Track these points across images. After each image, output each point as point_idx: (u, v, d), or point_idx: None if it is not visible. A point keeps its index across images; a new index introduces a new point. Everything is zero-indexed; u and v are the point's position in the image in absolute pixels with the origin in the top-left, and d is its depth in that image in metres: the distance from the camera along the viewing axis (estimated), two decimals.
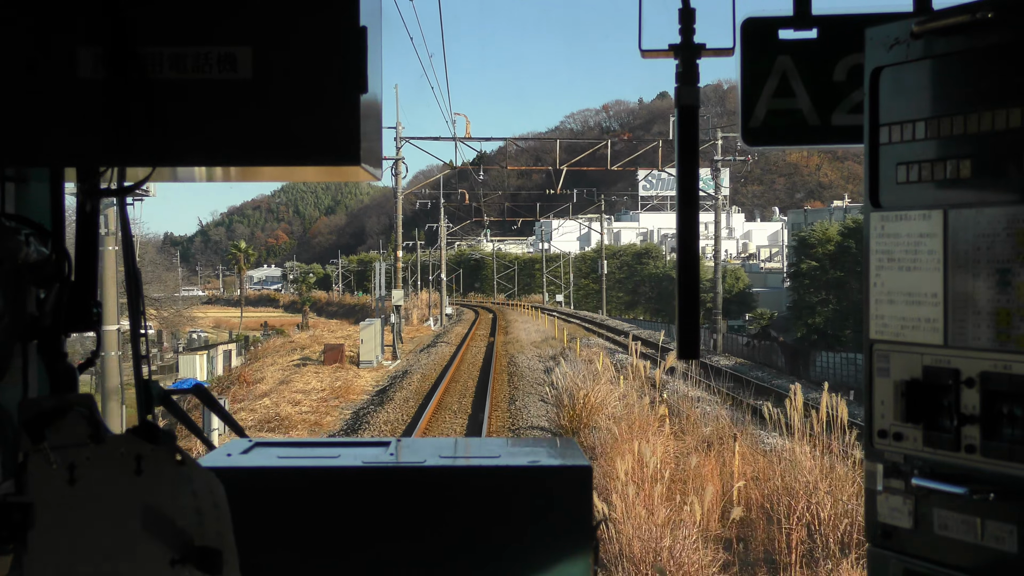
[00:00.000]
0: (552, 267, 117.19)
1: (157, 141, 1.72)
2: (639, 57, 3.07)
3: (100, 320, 2.00)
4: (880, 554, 2.06)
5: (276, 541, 2.50)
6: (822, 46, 2.94)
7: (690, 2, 2.99)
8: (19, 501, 1.72)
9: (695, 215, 3.01)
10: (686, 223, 3.00)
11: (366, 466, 2.61)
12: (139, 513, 1.78)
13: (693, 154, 3.00)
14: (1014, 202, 1.82)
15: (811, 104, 2.95)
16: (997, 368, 1.84)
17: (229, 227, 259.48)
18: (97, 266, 2.03)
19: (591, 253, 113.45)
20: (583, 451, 2.70)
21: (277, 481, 2.58)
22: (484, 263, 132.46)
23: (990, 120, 1.86)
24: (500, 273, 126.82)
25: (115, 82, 1.70)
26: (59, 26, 1.71)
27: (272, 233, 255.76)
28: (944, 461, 1.92)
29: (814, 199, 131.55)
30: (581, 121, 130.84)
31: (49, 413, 1.75)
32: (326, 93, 1.73)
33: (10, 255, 1.80)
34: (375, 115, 1.89)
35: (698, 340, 3.03)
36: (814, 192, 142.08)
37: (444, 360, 37.37)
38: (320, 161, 1.76)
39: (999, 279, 1.84)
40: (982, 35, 1.86)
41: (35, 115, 1.71)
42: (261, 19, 1.72)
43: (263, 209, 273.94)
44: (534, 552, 2.51)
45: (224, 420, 2.16)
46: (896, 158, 2.03)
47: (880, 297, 2.06)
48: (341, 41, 1.73)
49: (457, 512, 2.53)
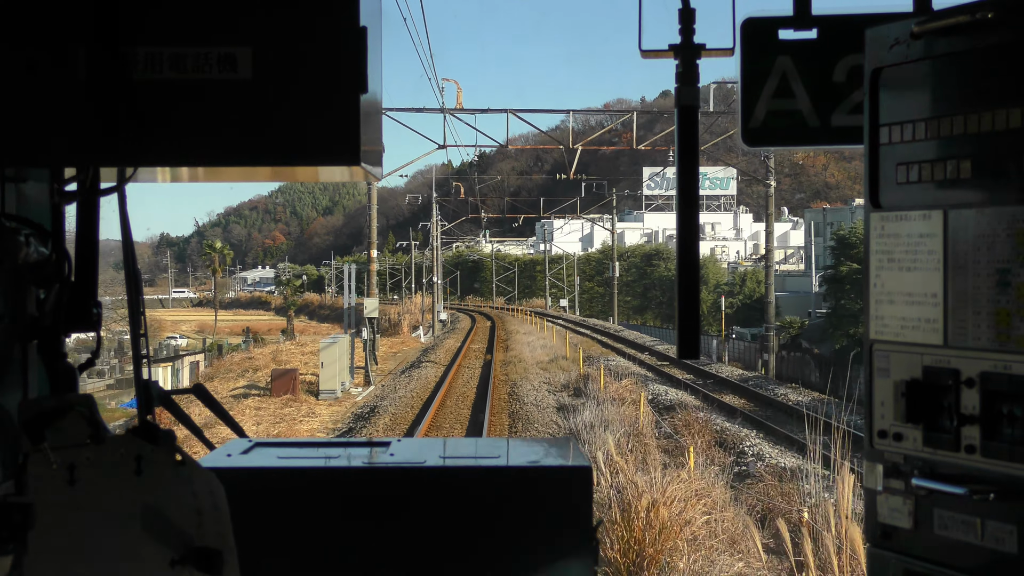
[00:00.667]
0: (554, 269, 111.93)
1: (157, 141, 1.72)
2: (639, 57, 3.07)
3: (100, 321, 2.00)
4: (880, 554, 2.06)
5: (276, 541, 2.50)
6: (822, 46, 2.94)
7: (690, 2, 2.99)
8: (19, 501, 1.72)
9: (695, 216, 3.01)
10: (686, 224, 3.00)
11: (366, 466, 2.61)
12: (139, 513, 1.78)
13: (693, 155, 3.00)
14: (1014, 202, 1.82)
15: (811, 104, 2.95)
16: (997, 368, 1.84)
17: (226, 228, 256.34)
18: (97, 266, 2.03)
19: (596, 254, 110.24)
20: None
21: (277, 481, 2.58)
22: (483, 265, 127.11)
23: (990, 120, 1.86)
24: (499, 275, 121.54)
25: (114, 82, 1.70)
26: (59, 26, 1.71)
27: (269, 234, 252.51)
28: (944, 461, 1.92)
29: (820, 199, 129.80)
30: (582, 120, 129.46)
31: (49, 413, 1.75)
32: (326, 93, 1.73)
33: (10, 255, 1.80)
34: (375, 115, 1.89)
35: (698, 340, 3.03)
36: (820, 192, 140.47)
37: (428, 388, 29.29)
38: (320, 161, 1.76)
39: (999, 279, 1.84)
40: (982, 35, 1.86)
41: (35, 115, 1.71)
42: (261, 19, 1.72)
43: (260, 210, 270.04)
44: (535, 552, 2.51)
45: (224, 420, 2.16)
46: (896, 158, 2.03)
47: (880, 297, 2.06)
48: (341, 41, 1.73)
49: (457, 513, 2.53)
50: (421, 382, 30.88)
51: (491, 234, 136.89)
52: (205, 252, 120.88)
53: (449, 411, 24.47)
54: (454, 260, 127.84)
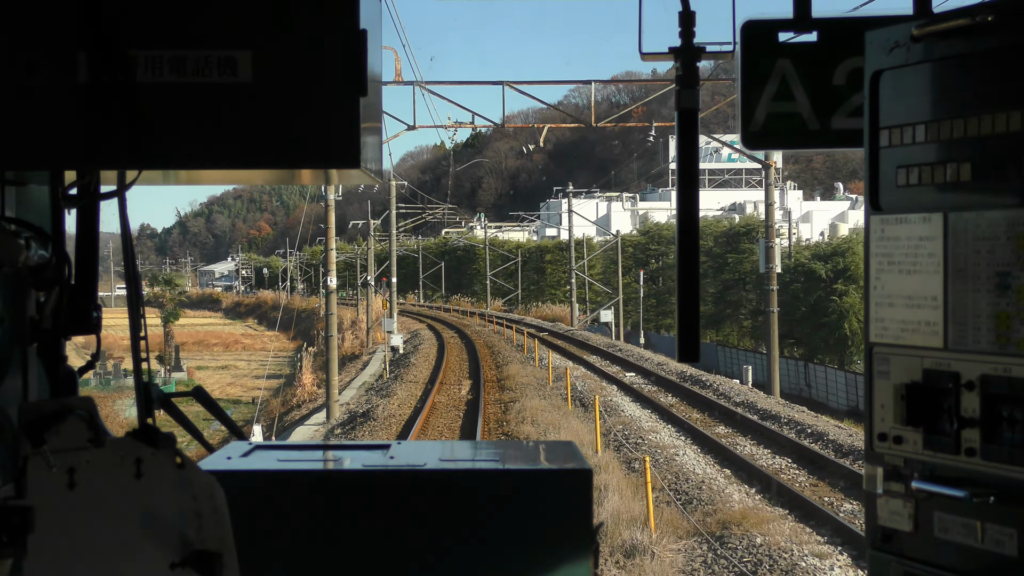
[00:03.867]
0: (565, 261, 69.53)
1: (157, 145, 1.72)
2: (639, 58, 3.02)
3: (100, 323, 2.00)
4: (880, 557, 2.06)
5: (276, 544, 2.50)
6: (822, 49, 2.94)
7: (690, 5, 2.99)
8: (19, 505, 1.72)
9: (695, 219, 3.01)
10: (686, 225, 3.00)
11: (366, 469, 2.62)
12: (139, 516, 1.78)
13: (693, 158, 3.00)
14: (1014, 205, 1.82)
15: (811, 107, 2.95)
16: (997, 371, 1.84)
17: (209, 218, 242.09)
18: (97, 269, 2.03)
19: (637, 237, 71.15)
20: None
21: (277, 484, 2.58)
22: (476, 254, 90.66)
23: (990, 123, 1.86)
24: (497, 268, 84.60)
25: (115, 86, 1.70)
26: (59, 29, 1.71)
27: (255, 224, 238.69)
28: (944, 464, 1.92)
29: (857, 179, 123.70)
30: (586, 95, 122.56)
31: (49, 416, 1.75)
32: (326, 96, 1.73)
33: (10, 258, 1.81)
34: (375, 118, 1.90)
35: (698, 343, 3.03)
36: (857, 172, 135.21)
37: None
38: (320, 164, 1.77)
39: (999, 282, 1.84)
40: (982, 38, 1.86)
41: (36, 119, 1.71)
42: (261, 22, 1.73)
43: (245, 199, 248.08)
44: (534, 556, 2.51)
45: (224, 423, 2.16)
46: (896, 161, 2.04)
47: (880, 300, 2.07)
48: (341, 44, 1.73)
49: (457, 516, 2.53)
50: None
51: (488, 220, 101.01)
52: (158, 287, 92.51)
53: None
54: (439, 249, 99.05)
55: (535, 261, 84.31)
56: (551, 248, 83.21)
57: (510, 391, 26.03)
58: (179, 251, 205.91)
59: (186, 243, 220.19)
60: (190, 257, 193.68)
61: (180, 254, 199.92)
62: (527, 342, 39.87)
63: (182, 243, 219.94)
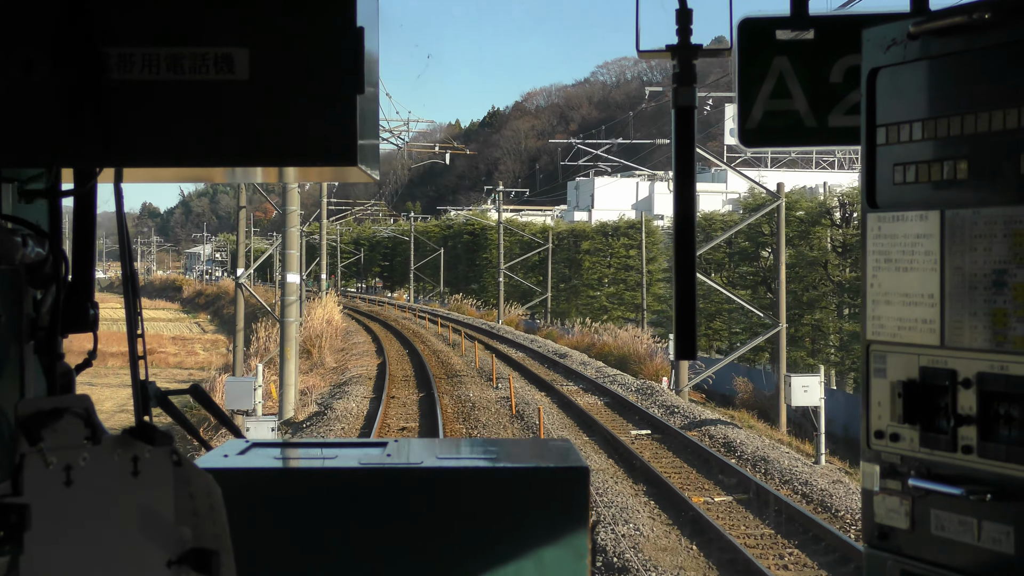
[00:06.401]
0: (609, 250, 52.04)
1: (154, 142, 1.72)
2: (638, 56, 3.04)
3: (97, 321, 2.00)
4: (877, 555, 2.06)
5: (273, 542, 2.50)
6: (819, 47, 2.94)
7: (687, 2, 2.99)
8: (15, 502, 1.72)
9: (692, 217, 3.00)
10: (683, 224, 3.00)
11: (363, 467, 2.61)
12: (136, 514, 1.78)
13: (690, 156, 3.00)
14: (1011, 203, 1.82)
15: (808, 105, 2.95)
16: (994, 369, 1.85)
17: (213, 198, 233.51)
18: (94, 267, 2.03)
19: (729, 216, 41.76)
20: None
21: (274, 482, 2.58)
22: (487, 240, 66.06)
23: (987, 121, 1.86)
24: (513, 260, 57.33)
25: (112, 83, 1.70)
26: (55, 27, 1.71)
27: (260, 206, 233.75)
28: (941, 462, 1.93)
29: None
30: (617, 72, 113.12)
31: (46, 414, 1.74)
32: (323, 94, 1.73)
33: (7, 255, 1.80)
34: (372, 116, 1.90)
35: (695, 341, 3.03)
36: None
37: None
38: (318, 162, 1.77)
39: (996, 280, 1.84)
40: (979, 36, 1.86)
41: (32, 116, 1.71)
42: (258, 20, 1.72)
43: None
44: (531, 553, 2.51)
45: (221, 421, 2.16)
46: (893, 159, 2.03)
47: (877, 298, 2.07)
48: (338, 42, 1.73)
49: (454, 513, 2.53)
50: None
51: (504, 199, 62.78)
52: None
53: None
54: (440, 234, 75.77)
55: (568, 248, 56.10)
56: (590, 233, 55.02)
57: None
58: (181, 232, 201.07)
59: (188, 224, 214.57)
60: (193, 237, 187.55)
61: (182, 235, 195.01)
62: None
63: (184, 224, 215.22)
